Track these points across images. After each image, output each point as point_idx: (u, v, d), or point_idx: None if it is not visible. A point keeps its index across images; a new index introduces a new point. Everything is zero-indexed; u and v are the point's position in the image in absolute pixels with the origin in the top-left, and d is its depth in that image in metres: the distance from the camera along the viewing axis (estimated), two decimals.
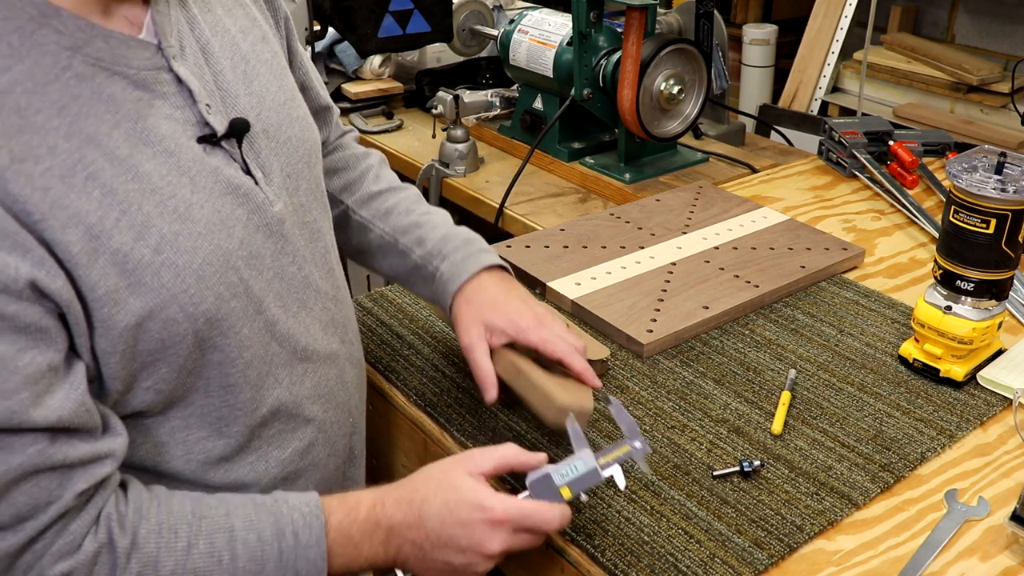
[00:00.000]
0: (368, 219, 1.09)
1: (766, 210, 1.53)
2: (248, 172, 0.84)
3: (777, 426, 1.03)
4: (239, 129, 0.82)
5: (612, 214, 1.52)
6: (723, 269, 1.33)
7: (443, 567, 0.83)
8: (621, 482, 0.87)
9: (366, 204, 1.11)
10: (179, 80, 0.79)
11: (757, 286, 1.29)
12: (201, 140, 0.80)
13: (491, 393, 0.97)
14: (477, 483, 0.83)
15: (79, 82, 0.72)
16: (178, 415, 0.83)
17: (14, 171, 0.68)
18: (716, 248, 1.40)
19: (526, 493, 0.85)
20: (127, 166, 0.73)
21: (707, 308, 1.23)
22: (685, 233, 1.45)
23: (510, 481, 0.95)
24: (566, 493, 0.85)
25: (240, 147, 0.83)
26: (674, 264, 1.35)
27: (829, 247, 1.40)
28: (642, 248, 1.40)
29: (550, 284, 1.29)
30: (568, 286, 1.29)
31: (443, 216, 1.11)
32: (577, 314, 1.25)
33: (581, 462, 0.86)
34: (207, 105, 0.80)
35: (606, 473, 0.86)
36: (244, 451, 0.87)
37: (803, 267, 1.34)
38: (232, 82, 0.84)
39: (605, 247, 1.40)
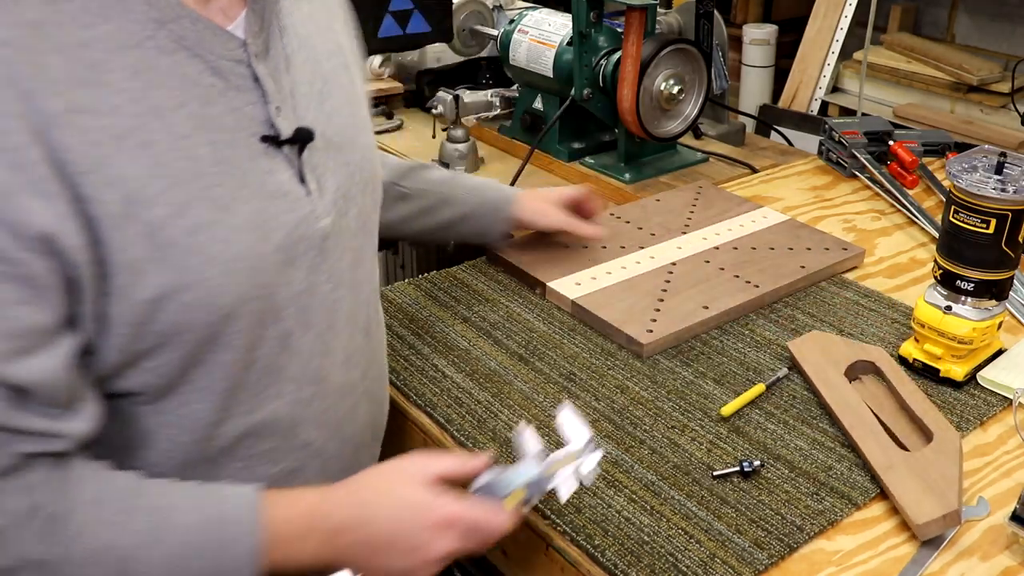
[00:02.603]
0: (411, 188, 1.26)
1: (766, 210, 1.53)
2: (303, 182, 0.83)
3: (728, 409, 1.05)
4: (303, 137, 0.82)
5: (612, 214, 1.52)
6: (723, 269, 1.33)
7: (387, 568, 0.81)
8: (564, 495, 0.84)
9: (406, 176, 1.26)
10: (255, 78, 0.80)
11: (757, 286, 1.29)
12: (264, 139, 0.80)
13: (596, 233, 1.34)
14: (424, 486, 0.82)
15: (159, 54, 0.73)
16: (171, 408, 0.81)
17: (67, 120, 0.68)
18: (716, 248, 1.40)
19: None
20: (183, 144, 0.74)
21: (707, 308, 1.23)
22: (685, 233, 1.45)
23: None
24: (511, 502, 0.83)
25: (300, 156, 0.83)
26: (674, 264, 1.35)
27: (829, 247, 1.40)
28: (642, 248, 1.40)
29: (550, 284, 1.29)
30: (568, 286, 1.29)
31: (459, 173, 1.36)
32: (577, 314, 1.25)
33: (527, 471, 0.83)
34: (277, 108, 0.81)
35: (552, 484, 0.83)
36: (229, 457, 0.85)
37: (803, 267, 1.34)
38: (306, 95, 0.85)
39: (605, 247, 1.40)
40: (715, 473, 0.97)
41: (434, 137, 2.00)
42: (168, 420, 0.82)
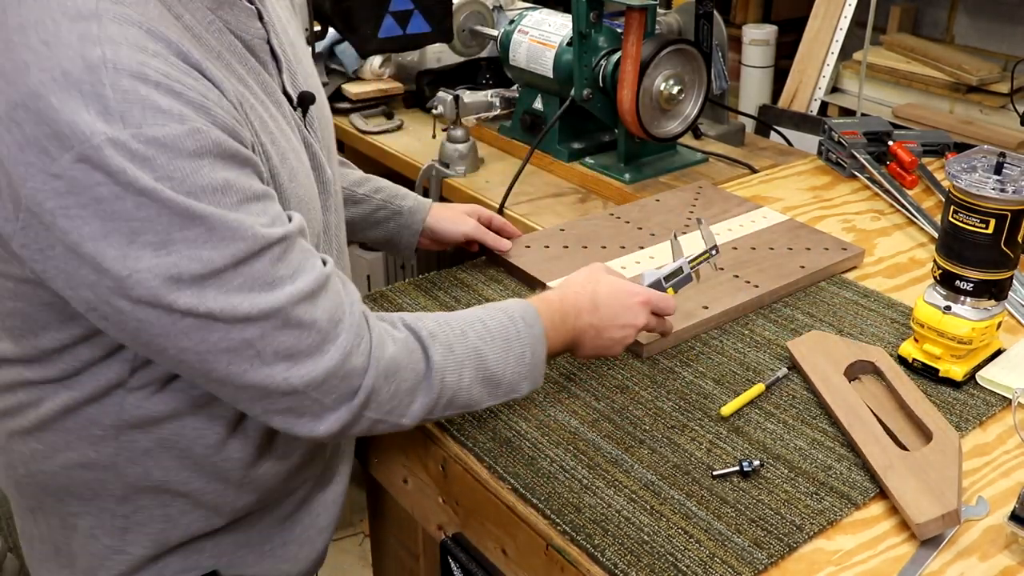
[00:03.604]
0: None
1: (766, 210, 1.53)
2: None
3: (727, 409, 1.06)
4: (306, 100, 0.95)
5: (612, 214, 1.52)
6: (722, 269, 1.33)
7: (607, 342, 1.04)
8: (691, 279, 1.16)
9: None
10: (272, 52, 0.92)
11: (757, 286, 1.29)
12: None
13: (506, 245, 1.36)
14: (620, 277, 1.08)
15: (220, 36, 0.84)
16: None
17: (215, 81, 0.78)
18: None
19: None
20: (263, 106, 0.86)
21: (707, 308, 1.23)
22: (685, 233, 1.45)
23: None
24: (670, 292, 1.12)
25: (304, 117, 0.96)
26: None
27: (829, 247, 1.40)
28: (642, 248, 1.40)
29: (549, 284, 1.29)
30: None
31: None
32: None
33: (680, 269, 1.14)
34: (286, 77, 0.93)
35: (692, 279, 1.15)
36: None
37: (803, 267, 1.34)
38: (292, 62, 0.96)
39: (605, 247, 1.40)
40: (715, 473, 0.97)
41: (434, 137, 2.00)
42: None
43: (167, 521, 0.94)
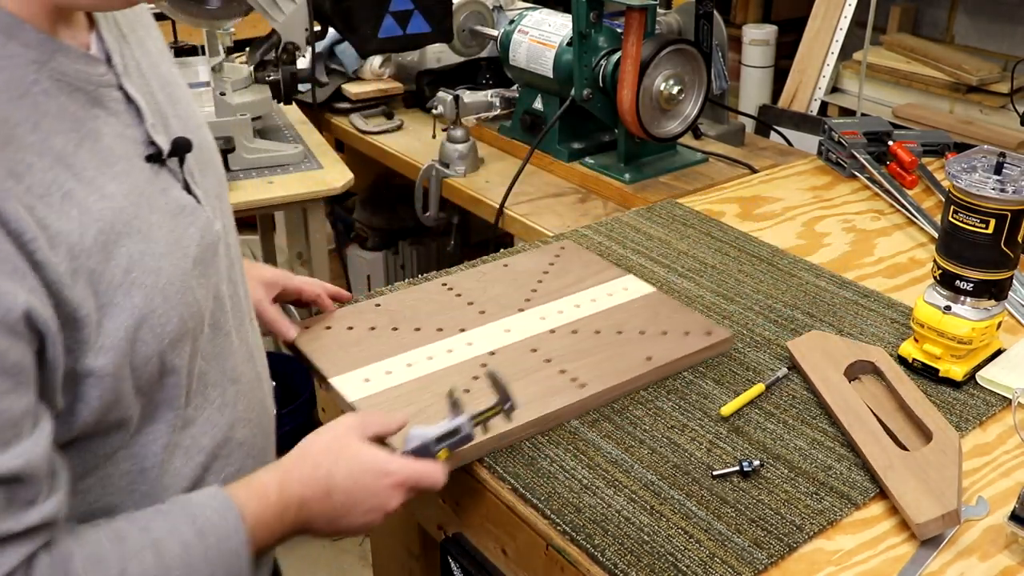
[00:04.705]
0: None
1: (630, 279, 1.30)
2: (189, 191, 0.83)
3: (727, 409, 1.05)
4: (181, 148, 0.82)
5: (444, 284, 1.30)
6: (549, 361, 1.12)
7: (345, 528, 0.89)
8: (472, 439, 0.95)
9: None
10: (128, 98, 0.79)
11: (583, 385, 1.07)
12: (149, 159, 0.79)
13: (291, 334, 1.15)
14: (372, 448, 0.89)
15: (47, 98, 0.71)
16: (132, 445, 0.79)
17: (5, 189, 0.65)
18: (552, 331, 1.18)
19: (400, 452, 0.92)
20: (95, 186, 0.72)
21: (508, 419, 1.00)
22: (523, 310, 1.23)
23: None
24: (443, 455, 0.93)
25: (182, 167, 0.83)
26: (492, 354, 1.14)
27: (691, 331, 1.18)
28: (463, 331, 1.18)
29: (333, 380, 1.09)
30: (354, 383, 1.08)
31: None
32: None
33: (454, 427, 0.93)
34: (152, 124, 0.80)
35: (475, 433, 0.95)
36: (181, 477, 0.84)
37: (649, 359, 1.12)
38: (163, 103, 0.84)
39: (419, 329, 1.19)
40: (715, 473, 0.97)
41: (434, 137, 2.00)
42: (126, 460, 0.80)
43: None
